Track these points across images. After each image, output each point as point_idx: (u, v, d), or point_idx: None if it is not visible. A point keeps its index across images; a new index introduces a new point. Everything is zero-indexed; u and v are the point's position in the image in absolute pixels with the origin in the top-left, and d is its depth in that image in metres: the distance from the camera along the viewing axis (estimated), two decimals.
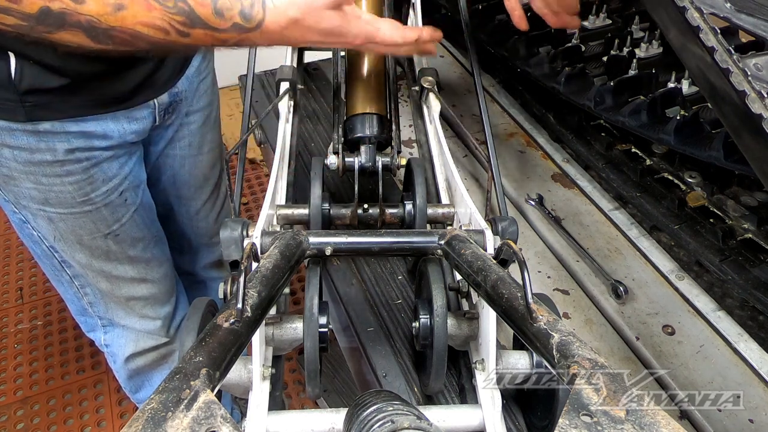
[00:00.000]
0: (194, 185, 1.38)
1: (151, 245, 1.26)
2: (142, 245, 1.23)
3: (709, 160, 1.04)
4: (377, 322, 0.96)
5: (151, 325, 1.35)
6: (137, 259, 1.24)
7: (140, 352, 1.38)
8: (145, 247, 1.24)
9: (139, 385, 1.47)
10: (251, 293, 0.60)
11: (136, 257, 1.23)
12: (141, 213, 1.20)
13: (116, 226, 1.15)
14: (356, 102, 0.94)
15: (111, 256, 1.19)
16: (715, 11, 0.71)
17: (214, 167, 1.39)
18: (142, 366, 1.41)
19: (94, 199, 1.09)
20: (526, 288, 0.58)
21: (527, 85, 1.44)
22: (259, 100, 1.50)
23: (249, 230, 0.78)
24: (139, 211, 1.19)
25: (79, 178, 1.05)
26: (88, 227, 1.12)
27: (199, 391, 0.46)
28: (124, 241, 1.19)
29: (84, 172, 1.05)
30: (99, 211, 1.11)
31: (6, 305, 2.30)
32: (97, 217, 1.12)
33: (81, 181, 1.06)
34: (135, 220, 1.18)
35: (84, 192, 1.07)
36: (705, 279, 1.05)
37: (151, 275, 1.29)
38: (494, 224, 0.80)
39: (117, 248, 1.19)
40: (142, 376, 1.45)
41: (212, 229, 1.49)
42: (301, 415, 0.71)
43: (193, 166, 1.34)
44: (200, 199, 1.41)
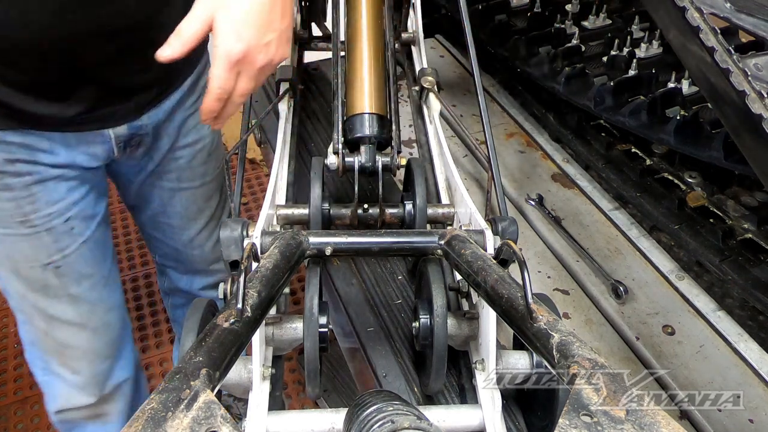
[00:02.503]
0: (186, 216, 1.29)
1: (99, 286, 1.13)
2: (88, 284, 1.11)
3: (709, 160, 1.04)
4: (377, 322, 0.96)
5: (84, 381, 1.21)
6: (80, 300, 1.11)
7: (69, 409, 1.24)
8: (92, 287, 1.12)
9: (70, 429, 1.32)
10: (251, 293, 0.60)
11: (79, 297, 1.11)
12: (92, 248, 1.09)
13: (58, 257, 1.05)
14: (356, 102, 0.94)
15: (50, 291, 1.08)
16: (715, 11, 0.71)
17: (210, 199, 1.30)
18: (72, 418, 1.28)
19: (35, 221, 1.00)
20: (526, 288, 0.58)
21: (527, 85, 1.45)
22: (259, 100, 1.50)
23: (249, 230, 0.78)
24: (90, 245, 1.08)
25: (19, 194, 0.97)
26: (25, 253, 1.03)
27: (199, 391, 0.46)
28: (67, 276, 1.08)
29: (25, 189, 0.97)
30: (39, 237, 1.01)
31: (6, 305, 2.30)
32: (36, 243, 1.02)
33: (21, 199, 0.97)
34: (82, 253, 1.07)
35: (23, 212, 0.98)
36: (705, 279, 1.05)
37: (93, 322, 1.15)
38: (494, 224, 0.80)
39: (57, 282, 1.07)
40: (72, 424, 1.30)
41: (209, 257, 1.38)
42: (301, 415, 0.71)
43: (185, 199, 1.26)
44: (194, 229, 1.32)
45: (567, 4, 1.51)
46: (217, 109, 0.75)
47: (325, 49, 1.38)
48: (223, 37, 0.72)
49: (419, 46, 1.24)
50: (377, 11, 1.01)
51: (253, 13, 0.73)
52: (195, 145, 1.19)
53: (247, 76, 0.74)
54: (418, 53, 1.24)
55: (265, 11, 0.74)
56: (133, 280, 2.32)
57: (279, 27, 0.76)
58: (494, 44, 1.47)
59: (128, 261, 2.39)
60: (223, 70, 0.72)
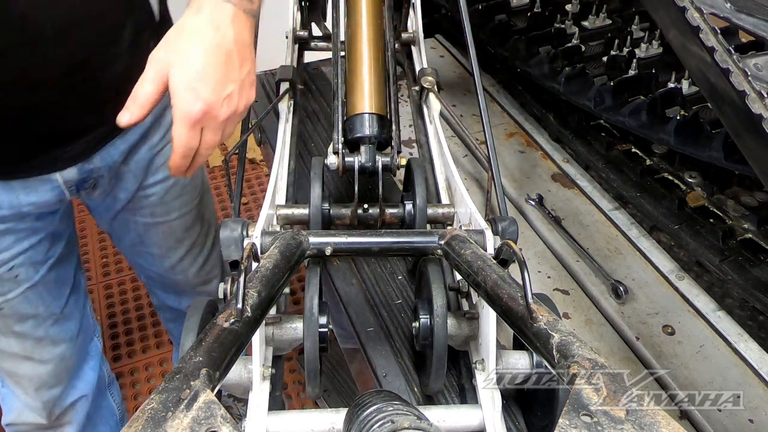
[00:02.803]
0: (165, 246, 1.28)
1: (46, 324, 1.13)
2: (32, 323, 1.11)
3: (709, 160, 1.04)
4: (377, 322, 0.96)
5: (33, 403, 1.21)
6: (24, 336, 1.11)
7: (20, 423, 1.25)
8: (36, 325, 1.11)
9: None
10: (251, 293, 0.60)
11: (22, 334, 1.11)
12: (39, 290, 1.08)
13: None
14: (356, 102, 0.94)
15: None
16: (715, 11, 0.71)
17: (189, 229, 1.28)
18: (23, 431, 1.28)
19: None
20: (526, 288, 0.58)
21: (527, 85, 1.44)
22: (259, 100, 1.49)
23: (249, 230, 0.77)
24: (37, 288, 1.07)
25: None
26: None
27: (199, 391, 0.46)
28: (9, 317, 1.08)
29: None
30: None
31: None
32: None
33: None
34: (27, 297, 1.07)
35: None
36: (705, 279, 1.05)
37: (39, 355, 1.15)
38: (494, 224, 0.80)
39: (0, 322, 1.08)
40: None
41: (194, 281, 1.38)
42: (301, 415, 0.71)
43: (161, 232, 1.24)
44: (175, 257, 1.31)
45: (567, 4, 1.51)
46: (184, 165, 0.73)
47: (325, 49, 1.38)
48: (180, 98, 0.69)
49: (419, 46, 1.24)
50: (377, 11, 1.01)
51: (209, 67, 0.70)
52: (167, 181, 1.16)
53: (211, 130, 0.72)
54: (418, 53, 1.24)
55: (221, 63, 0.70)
56: (133, 280, 2.32)
57: (239, 76, 0.72)
58: (494, 44, 1.47)
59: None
60: (185, 130, 0.70)
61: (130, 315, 2.22)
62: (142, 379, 2.04)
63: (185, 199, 1.23)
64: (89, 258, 2.40)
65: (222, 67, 0.71)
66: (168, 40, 0.71)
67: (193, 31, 0.70)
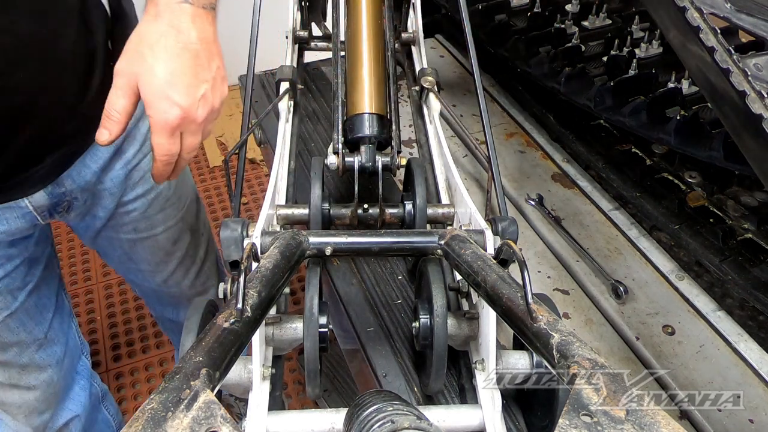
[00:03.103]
0: (154, 261, 1.24)
1: (30, 350, 1.10)
2: (16, 350, 1.07)
3: (709, 160, 1.04)
4: (377, 322, 0.96)
5: (23, 429, 1.18)
6: (8, 364, 1.08)
7: None
8: (20, 353, 1.08)
9: None
10: (251, 293, 0.60)
11: (6, 362, 1.08)
12: (19, 317, 1.05)
13: None
14: (356, 102, 0.94)
15: None
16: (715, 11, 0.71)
17: (177, 242, 1.24)
18: None
19: None
20: (526, 288, 0.58)
21: (527, 85, 1.45)
22: (259, 100, 1.50)
23: (249, 230, 0.77)
24: (17, 315, 1.04)
25: None
26: None
27: (199, 391, 0.46)
28: None
29: None
30: None
31: None
32: None
33: None
34: (7, 324, 1.03)
35: None
36: (705, 279, 1.05)
37: (25, 382, 1.12)
38: (494, 224, 0.80)
39: None
40: None
41: (188, 293, 1.34)
42: (301, 415, 0.71)
43: (148, 247, 1.20)
44: (166, 272, 1.27)
45: (567, 4, 1.51)
46: (168, 171, 0.72)
47: (325, 49, 1.38)
48: (155, 107, 0.68)
49: (419, 46, 1.24)
50: (377, 11, 1.01)
51: (178, 72, 0.68)
52: (147, 195, 1.12)
53: (191, 133, 0.71)
54: (418, 53, 1.24)
55: (190, 66, 0.69)
56: None
57: (209, 75, 0.71)
58: (494, 44, 1.47)
59: None
60: (164, 138, 0.69)
61: (130, 315, 2.22)
62: (142, 379, 2.04)
63: (169, 212, 1.19)
64: (89, 258, 2.40)
65: (191, 69, 0.69)
66: (130, 50, 0.69)
67: (155, 38, 0.68)
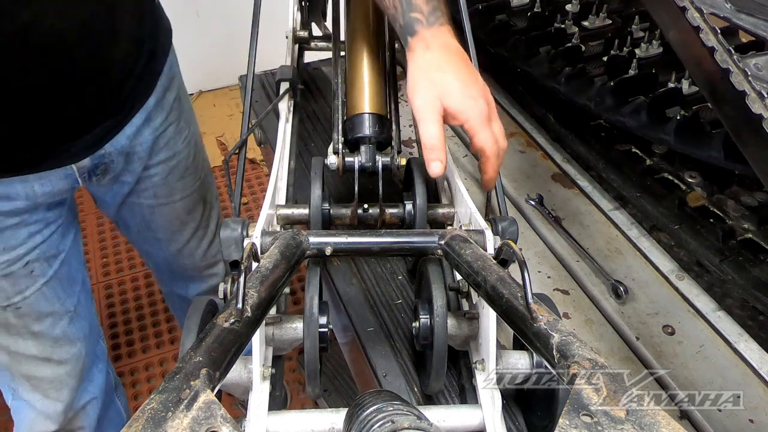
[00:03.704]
0: (170, 229, 1.30)
1: (63, 321, 1.13)
2: (50, 321, 1.11)
3: (709, 160, 1.04)
4: (377, 322, 0.96)
5: (51, 408, 1.21)
6: (42, 336, 1.11)
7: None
8: (54, 324, 1.11)
9: None
10: (251, 293, 0.60)
11: (41, 333, 1.10)
12: (54, 286, 1.08)
13: (17, 299, 1.04)
14: (356, 102, 0.94)
15: (11, 329, 1.08)
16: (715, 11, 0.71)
17: (192, 211, 1.30)
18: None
19: None
20: (526, 288, 0.58)
21: (527, 85, 1.44)
22: (259, 100, 1.50)
23: (249, 230, 0.78)
24: (52, 284, 1.07)
25: None
26: None
27: (199, 391, 0.46)
28: (28, 315, 1.07)
29: None
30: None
31: None
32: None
33: None
34: (44, 293, 1.07)
35: None
36: (705, 279, 1.05)
37: (58, 355, 1.15)
38: (494, 224, 0.80)
39: (18, 322, 1.07)
40: None
41: (200, 264, 1.40)
42: (301, 415, 0.71)
43: (165, 214, 1.25)
44: (180, 241, 1.33)
45: (567, 4, 1.51)
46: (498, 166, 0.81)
47: (325, 49, 1.38)
48: (465, 112, 0.77)
49: None
50: (377, 11, 1.01)
51: (464, 75, 0.79)
52: (169, 162, 1.18)
53: (495, 119, 0.80)
54: None
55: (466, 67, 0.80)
56: (133, 280, 2.32)
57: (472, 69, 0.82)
58: (494, 44, 1.47)
59: (128, 261, 2.39)
60: (486, 130, 0.78)
61: (130, 315, 2.22)
62: (142, 379, 2.04)
63: (187, 181, 1.25)
64: (89, 258, 2.40)
65: (469, 69, 0.81)
66: (420, 83, 0.78)
67: (436, 63, 0.79)
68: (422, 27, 0.81)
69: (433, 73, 0.78)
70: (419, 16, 0.81)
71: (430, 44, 0.80)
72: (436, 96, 0.77)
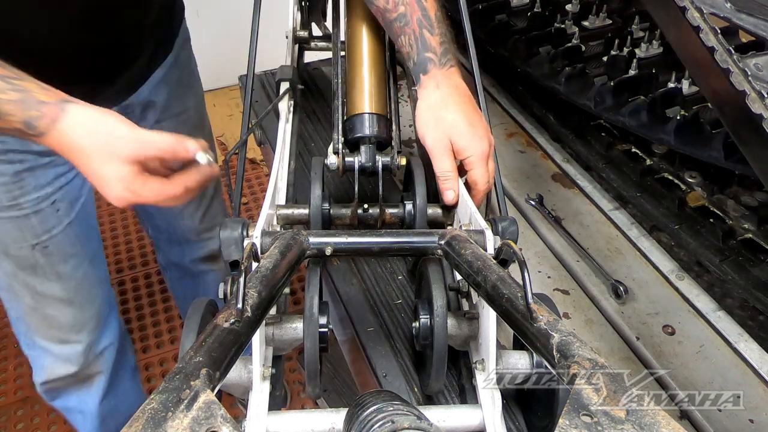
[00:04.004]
0: None
1: (84, 264, 1.20)
2: (74, 262, 1.18)
3: (709, 160, 1.04)
4: (377, 322, 0.96)
5: (70, 350, 1.28)
6: (67, 277, 1.18)
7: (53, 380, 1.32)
8: (77, 265, 1.19)
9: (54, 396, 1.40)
10: (251, 293, 0.60)
11: (65, 274, 1.17)
12: (76, 228, 1.15)
13: (45, 237, 1.11)
14: (356, 102, 0.94)
15: (38, 270, 1.14)
16: (715, 11, 0.71)
17: None
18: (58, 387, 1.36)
19: (23, 204, 1.06)
20: (526, 288, 0.58)
21: (527, 85, 1.45)
22: (259, 100, 1.50)
23: (249, 230, 0.78)
24: (74, 226, 1.15)
25: (9, 180, 1.03)
26: (14, 235, 1.08)
27: (199, 392, 0.46)
28: (54, 255, 1.14)
29: (15, 175, 1.03)
30: (27, 219, 1.07)
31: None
32: (24, 225, 1.08)
33: (10, 184, 1.03)
34: (68, 233, 1.14)
35: (12, 195, 1.04)
36: (705, 279, 1.05)
37: (79, 297, 1.22)
38: (494, 224, 0.80)
39: (45, 261, 1.13)
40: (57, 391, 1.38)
41: (198, 227, 1.46)
42: (301, 415, 0.71)
43: None
44: None
45: (567, 4, 1.51)
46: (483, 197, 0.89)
47: (325, 49, 1.38)
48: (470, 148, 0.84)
49: None
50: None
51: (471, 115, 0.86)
52: (179, 116, 1.25)
53: (492, 158, 0.87)
54: None
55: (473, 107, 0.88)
56: (133, 280, 2.32)
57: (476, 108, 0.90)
58: (494, 44, 1.47)
59: (128, 261, 2.39)
60: (483, 167, 0.85)
61: (130, 315, 2.22)
62: (142, 378, 2.04)
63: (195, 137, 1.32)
64: None
65: (475, 108, 0.88)
66: (430, 122, 0.86)
67: (444, 102, 0.86)
68: (434, 66, 0.88)
69: (441, 111, 0.86)
70: (432, 56, 0.89)
71: (440, 83, 0.87)
72: (445, 134, 0.85)
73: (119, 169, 0.74)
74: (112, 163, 0.74)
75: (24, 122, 0.74)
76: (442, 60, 0.89)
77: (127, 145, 0.75)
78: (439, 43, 0.89)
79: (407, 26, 0.90)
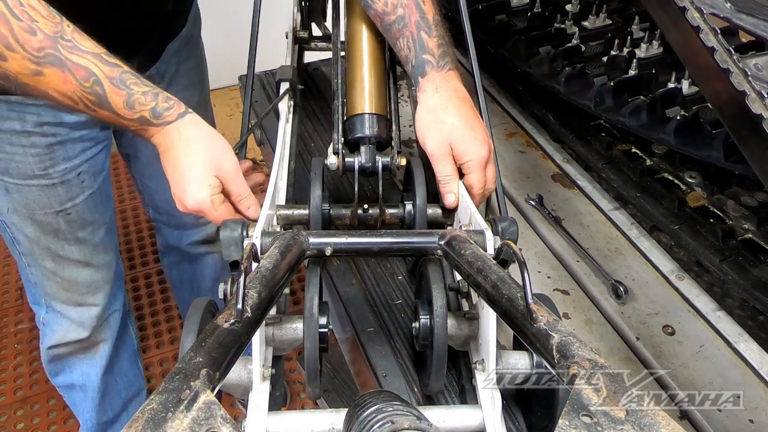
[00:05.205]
0: None
1: (101, 231, 1.30)
2: (91, 229, 1.27)
3: (709, 160, 1.04)
4: (377, 322, 0.96)
5: (85, 314, 1.38)
6: (85, 242, 1.27)
7: (63, 344, 1.42)
8: (94, 231, 1.28)
9: (59, 370, 1.49)
10: (251, 293, 0.60)
11: (84, 239, 1.27)
12: (96, 198, 1.24)
13: (69, 205, 1.19)
14: (356, 102, 0.94)
15: (60, 234, 1.23)
16: (715, 11, 0.71)
17: None
18: (63, 353, 1.45)
19: (52, 174, 1.14)
20: (526, 288, 0.58)
21: (527, 85, 1.45)
22: (259, 100, 1.50)
23: (249, 230, 0.77)
24: (95, 196, 1.23)
25: (42, 152, 1.10)
26: (41, 201, 1.16)
27: (199, 392, 0.46)
28: (75, 222, 1.23)
29: (47, 147, 1.10)
30: (54, 187, 1.16)
31: (6, 305, 2.30)
32: (51, 193, 1.16)
33: (43, 155, 1.11)
34: (89, 203, 1.22)
35: (43, 166, 1.12)
36: (705, 279, 1.05)
37: (95, 260, 1.32)
38: (494, 224, 0.80)
39: (66, 227, 1.22)
40: (62, 361, 1.47)
41: None
42: (301, 415, 0.71)
43: None
44: None
45: (567, 4, 1.51)
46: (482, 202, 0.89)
47: (325, 49, 1.38)
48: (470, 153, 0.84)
49: None
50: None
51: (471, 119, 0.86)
52: (185, 91, 1.28)
53: (492, 163, 0.87)
54: None
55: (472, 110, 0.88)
56: (133, 280, 2.32)
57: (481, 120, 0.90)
58: (494, 44, 1.47)
59: (128, 261, 2.39)
60: (480, 173, 0.85)
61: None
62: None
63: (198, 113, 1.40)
64: None
65: (474, 112, 0.88)
66: (431, 126, 0.86)
67: (443, 106, 0.86)
68: (432, 69, 0.88)
69: (441, 115, 0.86)
70: (430, 59, 0.88)
71: (438, 86, 0.87)
72: (445, 138, 0.85)
73: (212, 178, 0.80)
74: (210, 170, 0.80)
75: (152, 110, 0.80)
76: (440, 63, 0.89)
77: (229, 165, 0.82)
78: (437, 46, 0.89)
79: (405, 28, 0.90)
